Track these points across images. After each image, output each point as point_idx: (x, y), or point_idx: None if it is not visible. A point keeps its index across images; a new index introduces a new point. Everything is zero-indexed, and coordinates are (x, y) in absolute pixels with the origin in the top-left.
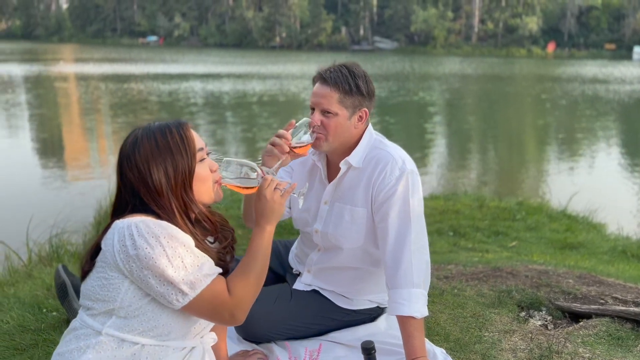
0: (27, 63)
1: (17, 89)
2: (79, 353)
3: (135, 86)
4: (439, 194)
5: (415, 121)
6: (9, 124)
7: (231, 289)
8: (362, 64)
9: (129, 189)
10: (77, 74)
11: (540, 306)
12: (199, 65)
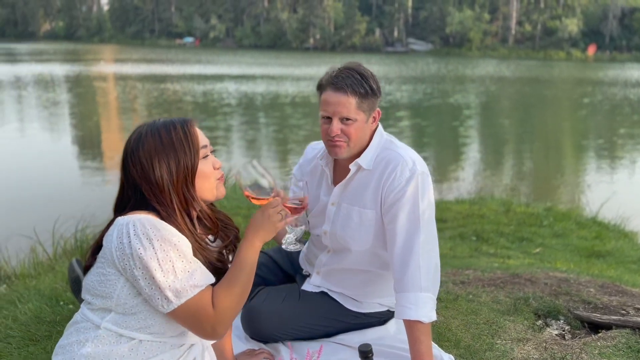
0: (68, 63)
1: (58, 88)
2: (78, 346)
3: (171, 86)
4: (466, 197)
5: (449, 124)
6: (49, 122)
7: (215, 301)
8: (397, 66)
9: (131, 185)
10: (115, 73)
11: (558, 315)
12: (234, 66)
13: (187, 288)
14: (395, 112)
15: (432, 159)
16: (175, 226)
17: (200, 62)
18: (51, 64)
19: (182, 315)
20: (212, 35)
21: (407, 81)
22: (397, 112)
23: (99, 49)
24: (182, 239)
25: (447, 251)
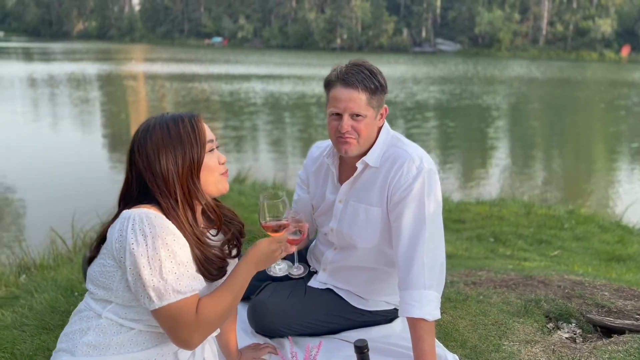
0: (100, 62)
1: (89, 86)
2: (81, 334)
3: (199, 86)
4: (487, 199)
5: (477, 125)
6: (79, 119)
7: (199, 310)
8: (424, 66)
9: (136, 176)
10: (145, 72)
11: (570, 318)
12: (261, 66)
13: (170, 292)
14: (423, 113)
15: (457, 160)
16: (176, 220)
17: (228, 62)
18: (83, 63)
19: (162, 316)
20: (240, 35)
21: (434, 82)
22: (425, 113)
23: (129, 49)
24: (178, 238)
25: (462, 252)
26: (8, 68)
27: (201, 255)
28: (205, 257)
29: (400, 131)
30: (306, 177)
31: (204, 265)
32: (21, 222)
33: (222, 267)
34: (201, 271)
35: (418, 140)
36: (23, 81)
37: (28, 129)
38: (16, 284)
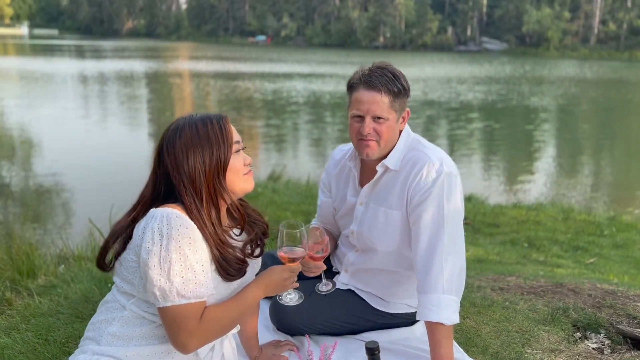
0: (147, 60)
1: (137, 83)
2: (106, 324)
3: (242, 84)
4: (526, 203)
5: (523, 127)
6: (125, 116)
7: (205, 316)
8: (469, 66)
9: (163, 175)
10: (190, 70)
11: (599, 328)
12: (304, 65)
13: (174, 294)
14: (467, 114)
15: (499, 163)
16: (198, 220)
17: (272, 60)
18: (132, 60)
19: (165, 316)
20: (283, 33)
21: (480, 82)
22: (469, 114)
23: (176, 47)
24: (194, 241)
25: (493, 257)
26: (61, 65)
27: (220, 255)
28: (224, 257)
29: (443, 132)
30: (328, 181)
31: (222, 265)
32: (65, 214)
33: (241, 268)
34: (219, 271)
35: (460, 142)
36: (74, 78)
37: (76, 125)
38: (55, 274)
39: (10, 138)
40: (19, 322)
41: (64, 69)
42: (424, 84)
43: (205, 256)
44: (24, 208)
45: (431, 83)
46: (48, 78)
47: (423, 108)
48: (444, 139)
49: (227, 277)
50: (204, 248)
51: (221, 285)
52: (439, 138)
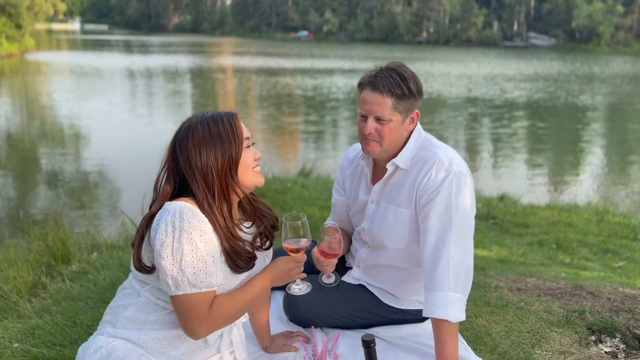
0: (192, 55)
1: (181, 78)
2: (122, 309)
3: (283, 80)
4: (562, 203)
5: (569, 126)
6: (169, 110)
7: (214, 305)
8: (515, 62)
9: (176, 170)
10: (234, 65)
11: (614, 332)
12: (345, 61)
13: (185, 284)
14: (512, 112)
15: (542, 163)
16: (209, 214)
17: (313, 56)
18: (177, 55)
19: (177, 304)
20: (325, 29)
21: (526, 79)
22: (514, 112)
23: (220, 42)
24: (205, 234)
25: (517, 257)
26: (109, 60)
27: (230, 248)
28: (234, 250)
29: (485, 130)
30: (342, 180)
31: (231, 257)
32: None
33: (250, 260)
34: (229, 262)
35: (503, 141)
36: (121, 73)
37: (121, 118)
38: (87, 261)
39: (59, 130)
40: (51, 305)
41: (112, 64)
42: (468, 80)
43: (215, 248)
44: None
45: (475, 79)
46: (97, 72)
47: (466, 105)
48: (485, 138)
49: (237, 269)
50: (214, 240)
51: (230, 276)
52: (480, 136)
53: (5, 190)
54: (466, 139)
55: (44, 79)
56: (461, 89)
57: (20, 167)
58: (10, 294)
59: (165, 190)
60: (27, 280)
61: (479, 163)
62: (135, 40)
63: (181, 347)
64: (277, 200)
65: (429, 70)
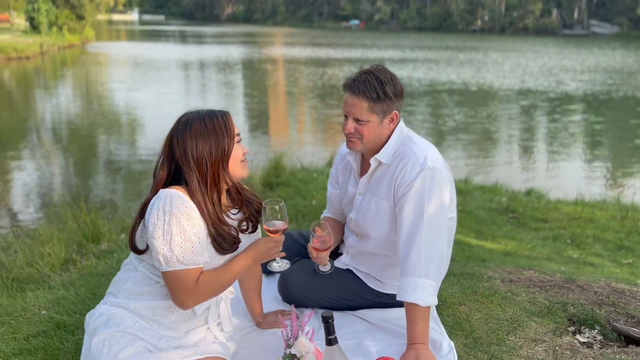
0: (244, 45)
1: (231, 69)
2: (123, 282)
3: (331, 71)
4: (591, 200)
5: (626, 122)
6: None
7: (200, 280)
8: (575, 51)
9: (172, 161)
10: (284, 56)
11: (594, 324)
12: (396, 50)
13: (175, 261)
14: (566, 105)
15: (585, 158)
16: (199, 201)
17: (364, 46)
18: (229, 46)
19: (167, 278)
20: (377, 17)
21: (586, 70)
22: (569, 105)
23: (271, 32)
24: (192, 218)
25: (524, 251)
26: (164, 50)
27: (215, 232)
28: (219, 234)
29: (534, 124)
30: (336, 174)
31: (217, 240)
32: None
33: (234, 243)
34: (214, 245)
35: (551, 136)
36: (174, 63)
37: (169, 109)
38: (115, 241)
39: (113, 118)
40: (76, 279)
41: (167, 54)
42: (523, 71)
43: (201, 230)
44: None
45: (531, 70)
46: (151, 63)
47: (517, 98)
48: (532, 132)
49: (222, 251)
50: (200, 224)
51: (215, 256)
52: (528, 131)
53: (60, 172)
54: (511, 133)
55: (102, 69)
56: (514, 80)
57: (75, 152)
58: (44, 268)
59: (160, 178)
60: (60, 257)
61: (519, 157)
62: (190, 31)
63: (171, 316)
64: (301, 190)
65: (482, 60)
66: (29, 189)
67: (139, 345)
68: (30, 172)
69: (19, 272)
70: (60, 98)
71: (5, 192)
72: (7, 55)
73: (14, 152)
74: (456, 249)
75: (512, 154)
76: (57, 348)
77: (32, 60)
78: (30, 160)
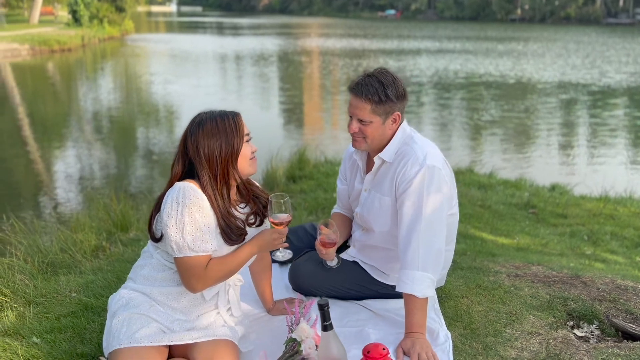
0: (279, 37)
1: (266, 61)
2: (140, 268)
3: (365, 62)
4: (617, 197)
5: None
6: (253, 93)
7: (209, 266)
8: (619, 41)
9: (186, 157)
10: (319, 47)
11: (593, 319)
12: (433, 41)
13: (186, 248)
14: (608, 99)
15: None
16: (210, 194)
17: (400, 36)
18: (264, 37)
19: (179, 264)
20: (413, 7)
21: (631, 61)
22: (610, 99)
23: (307, 23)
24: (203, 209)
25: (538, 247)
26: (201, 42)
27: (224, 224)
28: (228, 225)
29: (572, 119)
30: (344, 171)
31: (225, 231)
32: None
33: (241, 234)
34: (223, 235)
35: (588, 133)
36: (210, 55)
37: (204, 101)
38: (142, 230)
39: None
40: (105, 265)
41: (203, 46)
42: (565, 62)
43: (211, 221)
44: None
45: (572, 62)
46: (187, 55)
47: (557, 91)
48: (569, 127)
49: (229, 241)
50: (210, 215)
51: (223, 246)
52: (564, 126)
53: (99, 162)
54: (547, 128)
55: (140, 61)
56: (554, 73)
57: (114, 142)
58: (76, 254)
59: (176, 172)
60: (91, 244)
61: (553, 153)
62: (227, 22)
63: (183, 301)
64: (322, 183)
65: (521, 51)
66: (70, 178)
67: (153, 327)
68: (72, 162)
69: (54, 257)
70: (99, 90)
71: (48, 181)
72: (50, 48)
73: (58, 142)
74: (469, 243)
75: (546, 149)
76: (84, 327)
77: (73, 53)
78: (72, 150)
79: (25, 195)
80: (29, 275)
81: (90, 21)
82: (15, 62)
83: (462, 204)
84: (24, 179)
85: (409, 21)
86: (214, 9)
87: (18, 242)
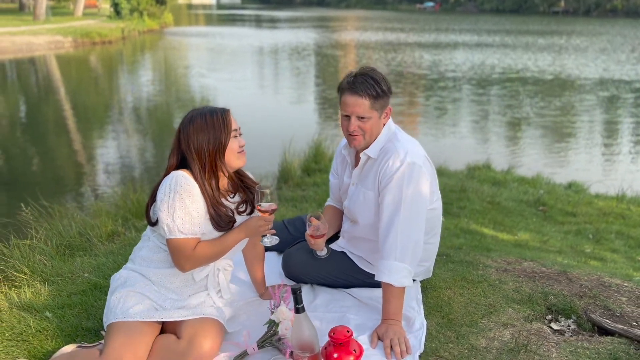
0: (315, 30)
1: (301, 55)
2: (139, 250)
3: (400, 56)
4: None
5: None
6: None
7: (197, 248)
8: None
9: (179, 150)
10: (355, 41)
11: (571, 314)
12: (472, 34)
13: (176, 230)
14: None
15: None
16: (200, 183)
17: (438, 29)
18: (301, 30)
19: (170, 245)
20: None
21: None
22: None
23: (344, 16)
24: (193, 196)
25: (537, 243)
26: (238, 35)
27: (214, 212)
28: (217, 213)
29: (609, 117)
30: (336, 166)
31: (214, 219)
32: None
33: (230, 222)
34: (212, 222)
35: (625, 132)
36: (249, 49)
37: (240, 94)
38: None
39: (184, 104)
40: (117, 249)
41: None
42: (608, 57)
43: (201, 207)
44: None
45: (617, 56)
46: (222, 49)
47: (595, 89)
48: (604, 126)
49: (218, 228)
50: (200, 202)
51: (213, 232)
52: (600, 125)
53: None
54: (582, 127)
55: (178, 53)
56: (597, 68)
57: (150, 133)
58: (93, 238)
59: (171, 163)
60: (107, 229)
61: (582, 152)
62: (264, 15)
63: (175, 281)
64: None
65: (563, 46)
66: (103, 168)
67: (147, 304)
68: (106, 153)
69: (72, 240)
70: (138, 82)
71: (84, 170)
72: (92, 40)
73: (97, 132)
74: (467, 238)
75: (574, 148)
76: (91, 305)
77: (114, 45)
78: (109, 140)
79: (62, 183)
80: (48, 256)
81: (131, 14)
82: (59, 54)
83: (470, 200)
84: (64, 168)
85: (447, 14)
86: (253, 1)
87: (39, 226)
